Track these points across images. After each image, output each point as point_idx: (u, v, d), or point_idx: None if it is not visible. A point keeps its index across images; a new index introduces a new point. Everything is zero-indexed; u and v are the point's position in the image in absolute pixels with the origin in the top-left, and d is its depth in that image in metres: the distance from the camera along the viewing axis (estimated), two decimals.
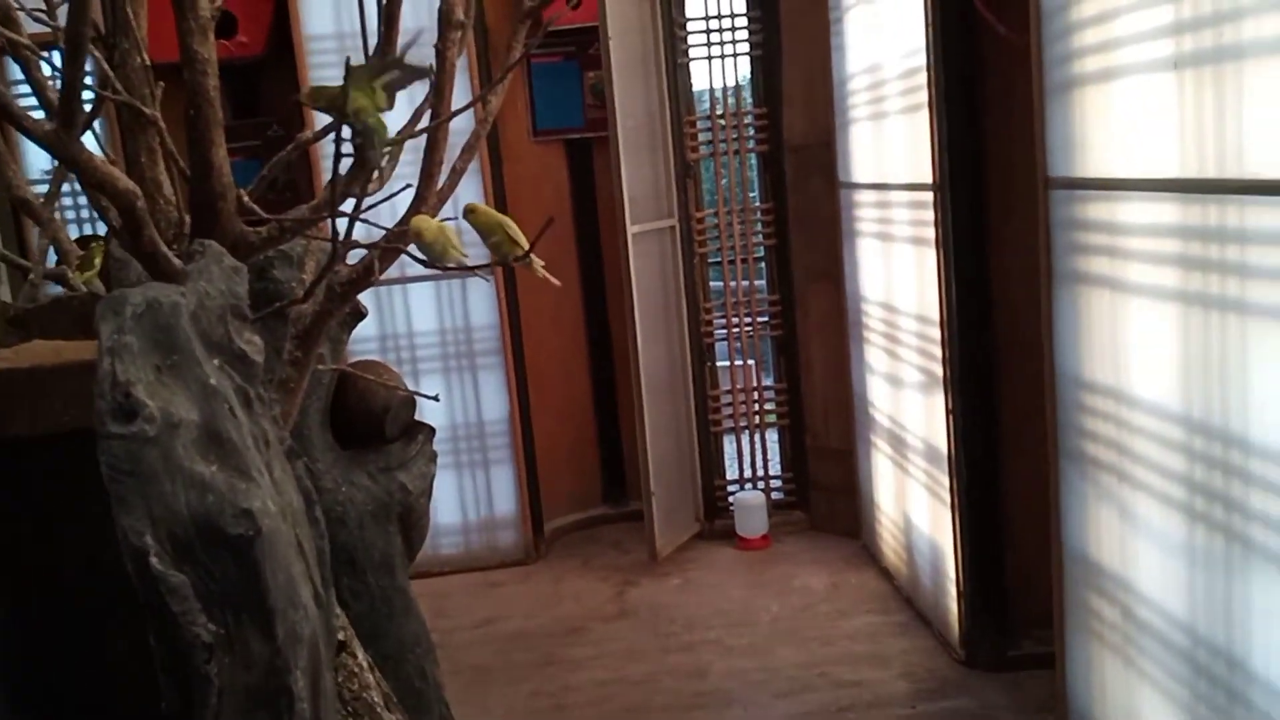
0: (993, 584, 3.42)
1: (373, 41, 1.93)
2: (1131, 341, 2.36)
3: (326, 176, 2.32)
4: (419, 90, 2.02)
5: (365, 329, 4.57)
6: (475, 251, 2.36)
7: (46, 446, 1.43)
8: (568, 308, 5.01)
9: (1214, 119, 1.97)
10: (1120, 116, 2.32)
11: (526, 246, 1.72)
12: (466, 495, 4.75)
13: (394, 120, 1.92)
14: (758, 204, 4.81)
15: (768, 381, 5.01)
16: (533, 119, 4.89)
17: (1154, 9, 2.13)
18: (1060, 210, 2.61)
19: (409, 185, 1.87)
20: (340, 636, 1.87)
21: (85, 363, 1.38)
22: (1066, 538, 2.71)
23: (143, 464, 1.15)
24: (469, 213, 1.83)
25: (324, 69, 4.35)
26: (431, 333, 4.65)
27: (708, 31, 4.69)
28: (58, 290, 2.18)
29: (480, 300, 4.63)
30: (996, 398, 3.37)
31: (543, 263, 1.79)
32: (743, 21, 4.68)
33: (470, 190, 4.41)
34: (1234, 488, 2.01)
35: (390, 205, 2.11)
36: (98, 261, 1.99)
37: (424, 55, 1.80)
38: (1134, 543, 2.41)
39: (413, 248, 1.90)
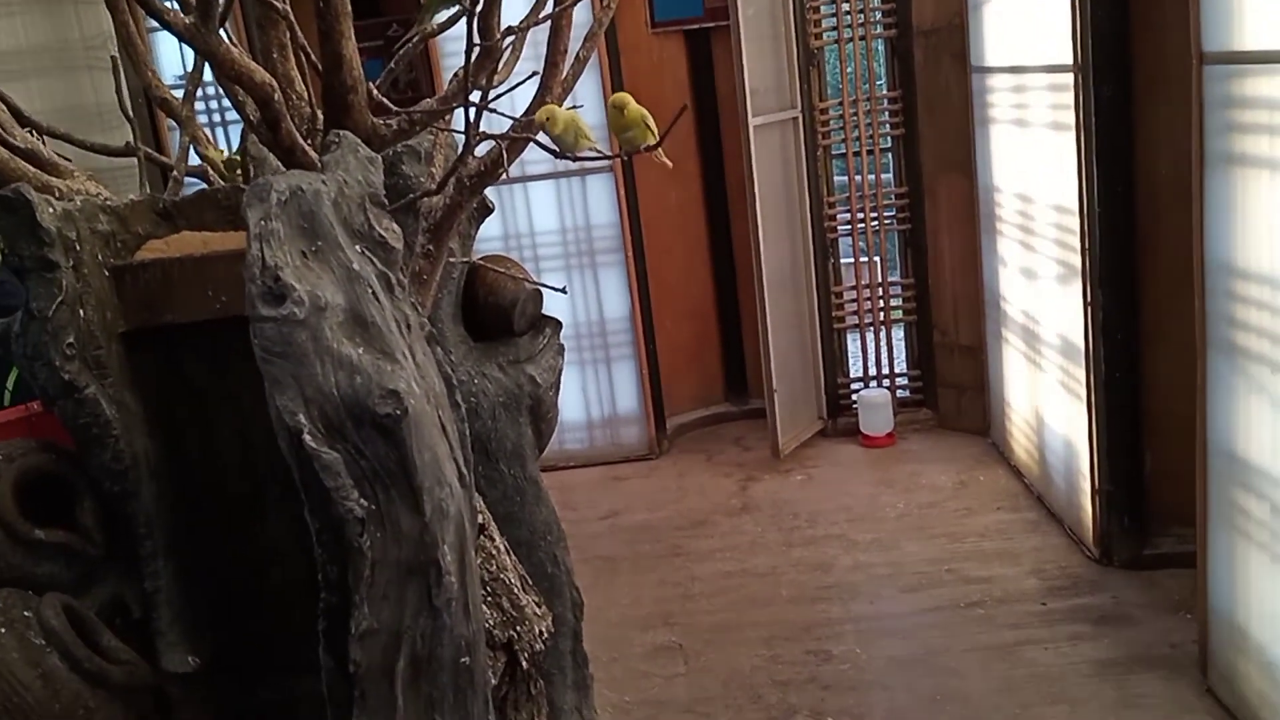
0: (1130, 481, 3.33)
1: None
2: None
3: (448, 74, 2.32)
4: None
5: (489, 228, 4.62)
6: (597, 134, 2.34)
7: (200, 333, 1.48)
8: (688, 204, 4.97)
9: None
10: None
11: (658, 138, 1.69)
12: (590, 392, 4.81)
13: (516, 11, 1.90)
14: (884, 92, 4.65)
15: (894, 277, 4.90)
16: (651, 10, 4.80)
17: None
18: (1216, 87, 2.45)
19: (535, 74, 1.86)
20: (479, 520, 1.93)
21: (234, 251, 1.42)
22: (1212, 432, 2.61)
23: (294, 345, 1.19)
24: (615, 106, 1.80)
25: None
26: (553, 231, 4.67)
27: None
28: (199, 186, 2.25)
29: (601, 198, 4.62)
30: (1138, 289, 3.24)
31: (666, 159, 1.77)
32: None
33: (589, 84, 4.37)
34: None
35: (510, 99, 2.11)
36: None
37: None
38: None
39: (542, 138, 1.89)
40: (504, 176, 2.07)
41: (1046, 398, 3.77)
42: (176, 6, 1.68)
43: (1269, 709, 2.46)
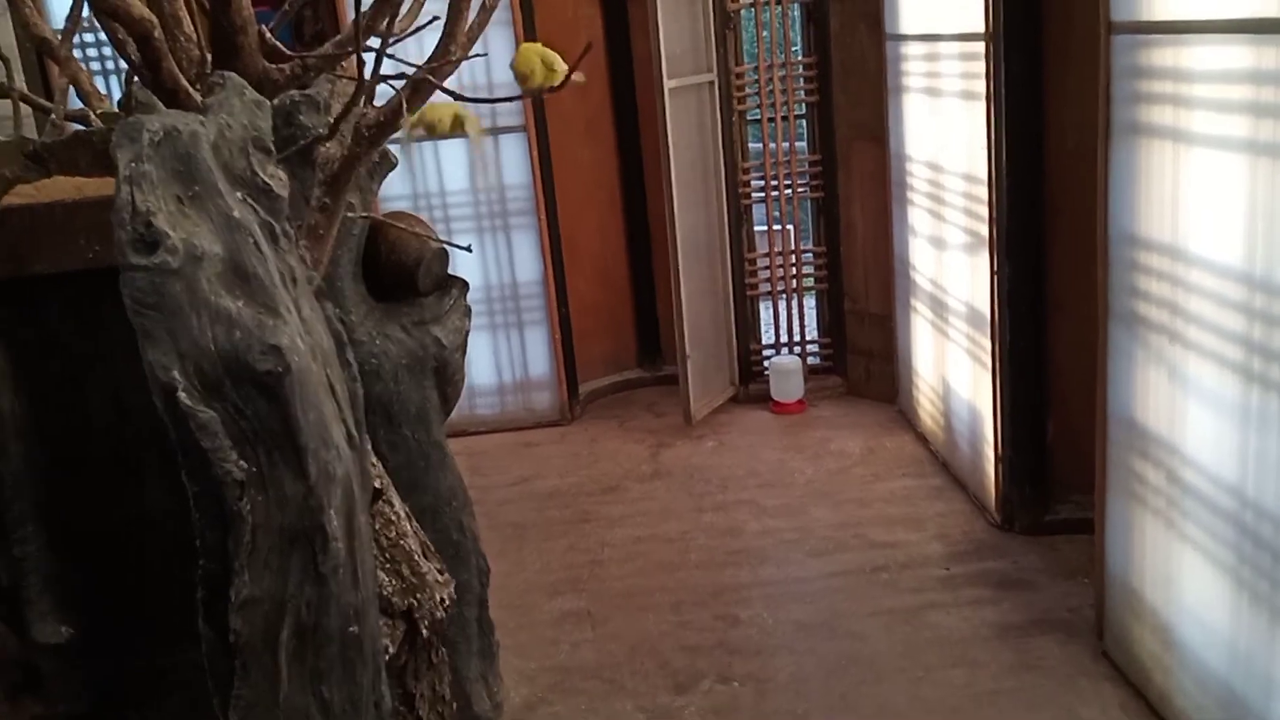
0: (1032, 448, 3.38)
1: None
2: (1193, 196, 2.25)
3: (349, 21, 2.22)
4: None
5: (397, 187, 4.51)
6: (509, 111, 2.26)
7: (71, 285, 1.39)
8: (603, 166, 4.90)
9: None
10: None
11: (563, 75, 1.64)
12: (501, 356, 4.74)
13: None
14: (800, 58, 4.63)
15: (806, 245, 4.91)
16: None
17: None
18: (1123, 57, 2.47)
19: (436, 18, 1.79)
20: (377, 485, 1.86)
21: (107, 198, 1.33)
22: (1112, 401, 2.65)
23: (167, 297, 1.11)
24: (517, 55, 1.75)
25: None
26: (464, 191, 4.57)
27: None
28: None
29: (514, 159, 4.53)
30: (1043, 258, 3.28)
31: (583, 78, 1.72)
32: None
33: (499, 40, 4.27)
34: None
35: (418, 43, 2.03)
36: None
37: None
38: (1184, 405, 2.35)
39: (449, 83, 1.83)
40: (408, 130, 1.98)
41: (953, 366, 3.81)
42: None
43: (1161, 670, 2.52)
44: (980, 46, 3.22)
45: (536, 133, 4.47)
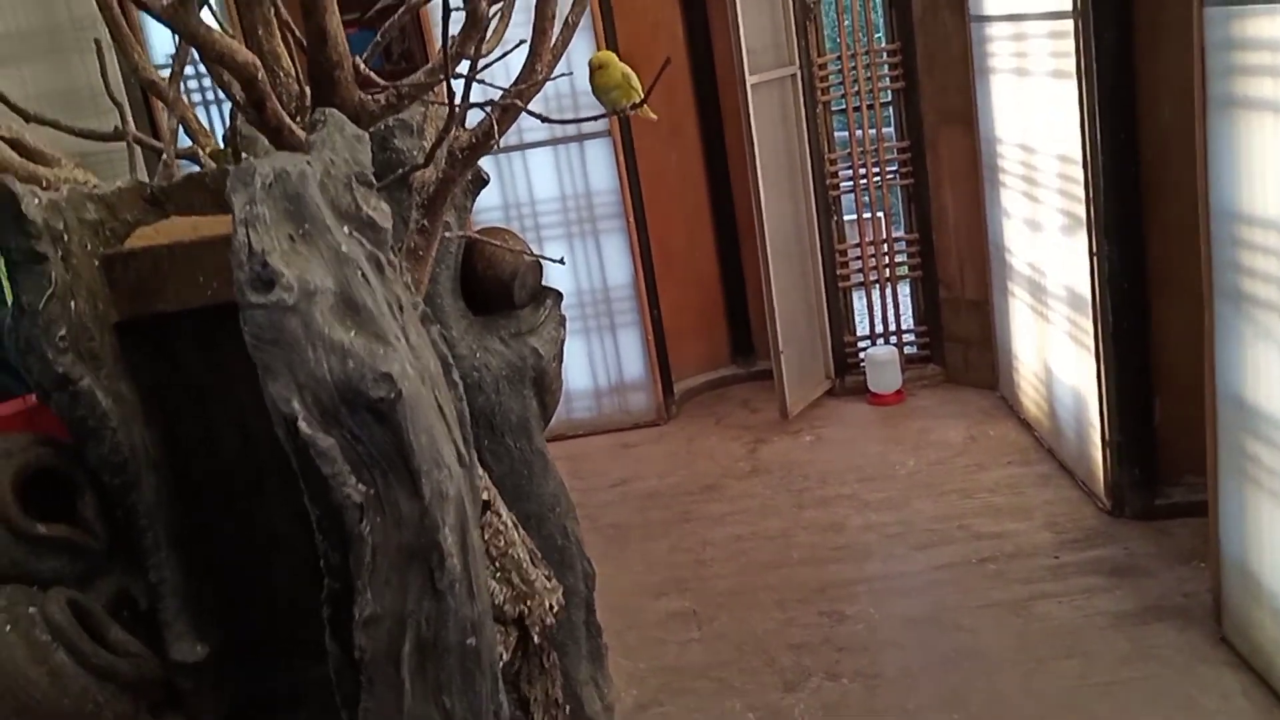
0: (1140, 431, 3.31)
1: None
2: None
3: (437, 44, 2.28)
4: None
5: (487, 198, 4.59)
6: (593, 101, 2.31)
7: (194, 320, 1.47)
8: (688, 166, 4.92)
9: None
10: None
11: (643, 95, 1.67)
12: (596, 359, 4.80)
13: None
14: (883, 45, 4.59)
15: (898, 233, 4.86)
16: None
17: None
18: (1218, 29, 2.40)
19: (523, 42, 1.83)
20: (485, 496, 1.92)
21: (223, 237, 1.40)
22: (1222, 380, 2.58)
23: (285, 332, 1.17)
24: (596, 67, 1.79)
25: None
26: (553, 199, 4.64)
27: None
28: (192, 169, 2.23)
29: (599, 164, 4.58)
30: (1143, 237, 3.20)
31: (655, 116, 1.76)
32: None
33: (582, 45, 4.32)
34: None
35: (504, 66, 2.08)
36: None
37: None
38: None
39: (535, 105, 1.87)
40: (499, 146, 2.04)
41: (1054, 350, 3.74)
42: None
43: None
44: (1069, 24, 3.16)
45: (622, 138, 4.51)
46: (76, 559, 1.45)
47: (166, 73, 2.14)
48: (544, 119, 1.80)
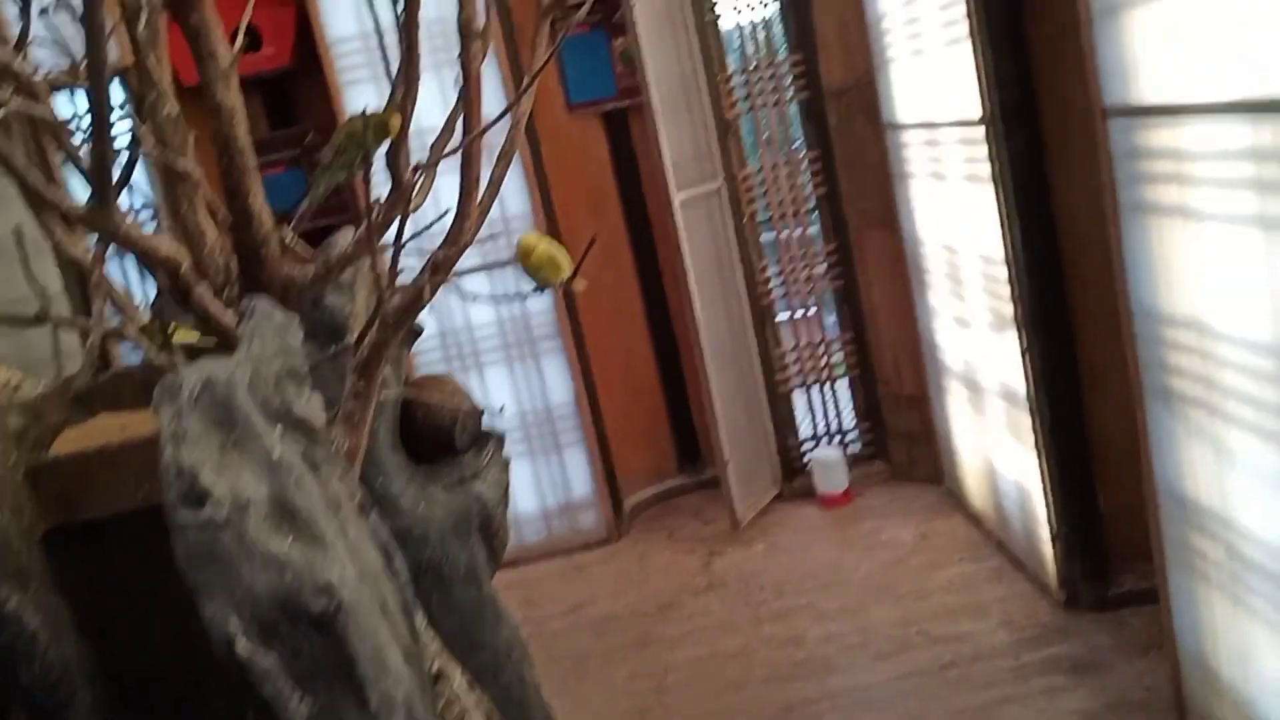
0: (1086, 521, 3.34)
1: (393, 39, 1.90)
2: (1211, 271, 2.26)
3: (372, 189, 2.29)
4: (452, 94, 1.98)
5: (426, 328, 4.58)
6: (522, 224, 2.33)
7: (126, 524, 1.43)
8: (624, 282, 4.97)
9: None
10: (1176, 37, 2.20)
11: (571, 269, 1.68)
12: (543, 481, 4.76)
13: (429, 129, 1.89)
14: (803, 153, 4.70)
15: (833, 333, 4.93)
16: (566, 93, 4.82)
17: None
18: (1121, 139, 2.50)
19: (448, 211, 1.84)
20: (435, 666, 1.87)
21: (152, 437, 1.38)
22: (1160, 475, 2.63)
23: (219, 549, 1.14)
24: (523, 254, 1.81)
25: (353, 71, 4.33)
26: (490, 324, 4.64)
27: None
28: (129, 346, 2.19)
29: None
30: (1073, 333, 3.27)
31: (583, 284, 1.77)
32: None
33: (512, 175, 4.37)
34: None
35: (430, 227, 2.09)
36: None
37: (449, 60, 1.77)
38: (1232, 479, 2.32)
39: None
40: (429, 300, 2.03)
41: (995, 444, 3.79)
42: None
43: None
44: (979, 131, 3.26)
45: None
46: None
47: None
48: (475, 298, 1.80)
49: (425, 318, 4.09)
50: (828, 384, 4.86)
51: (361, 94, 4.30)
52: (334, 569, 1.19)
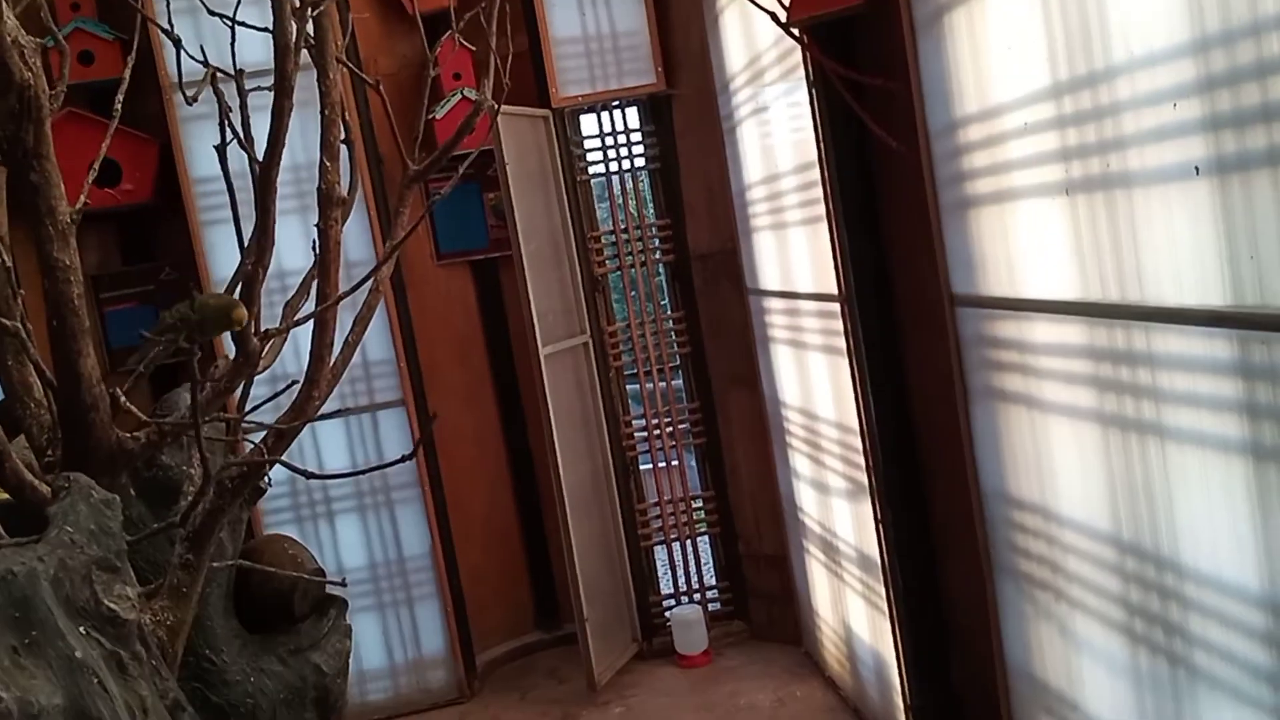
0: (940, 695, 3.34)
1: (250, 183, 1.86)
2: (1054, 459, 2.33)
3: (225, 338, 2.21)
4: (311, 228, 1.94)
5: (276, 473, 4.41)
6: (385, 369, 2.21)
7: None
8: (486, 430, 4.90)
9: (1110, 243, 1.97)
10: (1018, 237, 2.32)
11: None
12: (392, 636, 4.56)
13: (290, 271, 1.84)
14: (669, 313, 4.78)
15: (695, 490, 4.93)
16: (435, 243, 4.82)
17: (1040, 135, 2.14)
18: (969, 327, 2.60)
19: (295, 382, 1.78)
20: None
21: None
22: (1009, 654, 2.66)
23: None
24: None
25: (215, 211, 4.25)
26: (343, 467, 4.49)
27: (604, 149, 4.69)
28: None
29: (393, 433, 4.49)
30: (927, 506, 3.33)
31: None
32: (637, 137, 4.68)
33: (375, 320, 4.31)
34: (1172, 611, 1.97)
35: (294, 350, 2.01)
36: None
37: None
38: (1078, 662, 2.36)
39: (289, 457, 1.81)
40: (269, 481, 1.95)
41: (852, 609, 3.80)
42: None
43: None
44: (836, 307, 3.36)
45: (416, 405, 4.46)
46: None
47: None
48: (310, 475, 1.73)
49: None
50: (689, 540, 4.83)
51: (222, 233, 4.22)
52: None
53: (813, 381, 3.80)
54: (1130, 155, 1.86)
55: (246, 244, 1.76)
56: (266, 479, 2.33)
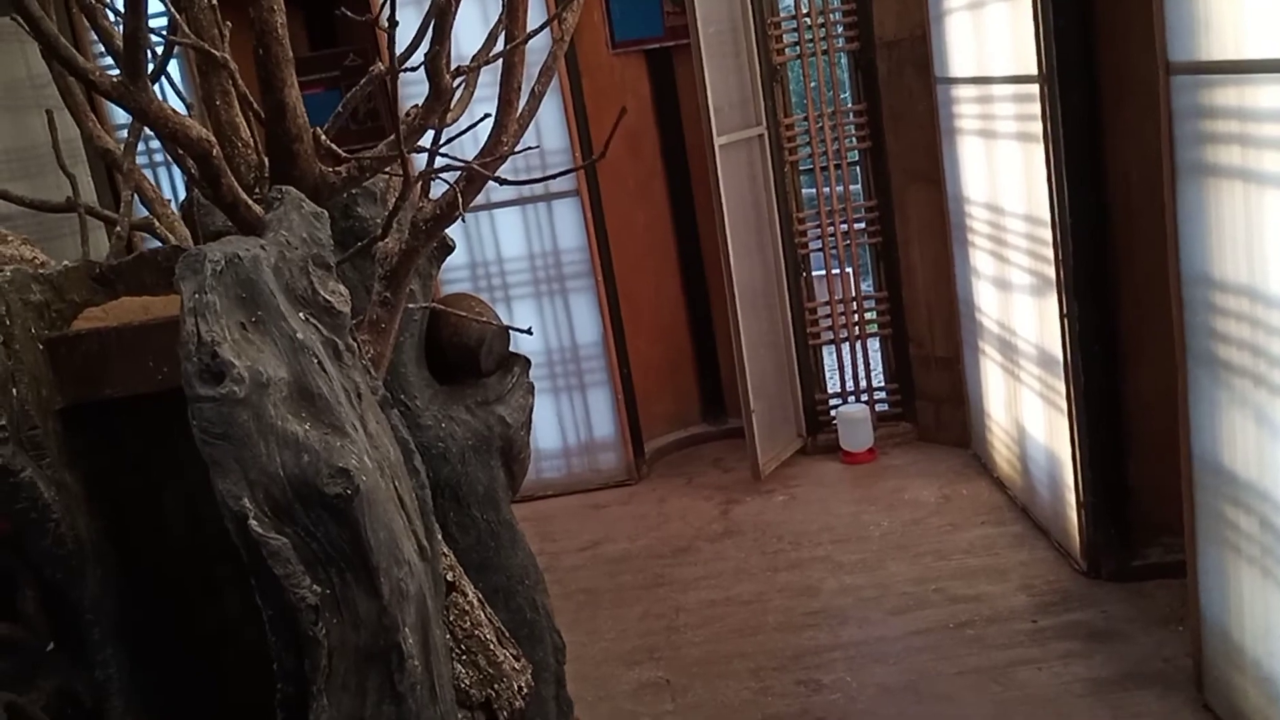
0: (1115, 491, 3.29)
1: None
2: (1265, 236, 2.18)
3: (407, 102, 2.25)
4: (494, 8, 1.93)
5: (454, 258, 4.55)
6: (560, 159, 2.23)
7: (142, 406, 1.41)
8: (657, 224, 4.91)
9: None
10: None
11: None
12: (565, 419, 4.74)
13: (468, 44, 1.84)
14: (849, 105, 4.61)
15: (867, 290, 4.86)
16: (610, 30, 4.74)
17: None
18: (1184, 97, 2.41)
19: (488, 115, 1.80)
20: (449, 576, 1.85)
21: (174, 319, 1.35)
22: (1196, 445, 2.57)
23: (235, 426, 1.11)
24: None
25: None
26: (520, 258, 4.60)
27: None
28: (149, 241, 2.18)
29: (568, 223, 4.55)
30: (1115, 299, 3.20)
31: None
32: None
33: (550, 109, 4.32)
34: None
35: (473, 135, 2.04)
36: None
37: None
38: (1272, 450, 2.26)
39: (501, 172, 1.84)
40: (464, 218, 2.00)
41: (1027, 410, 3.73)
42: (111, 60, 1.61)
43: None
44: (1034, 88, 3.17)
45: (590, 197, 4.50)
46: (16, 657, 1.37)
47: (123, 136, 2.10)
48: (505, 182, 1.76)
49: (457, 250, 4.03)
50: (859, 341, 4.79)
51: (403, 16, 4.23)
52: (351, 456, 1.16)
53: (1002, 173, 3.63)
54: None
55: None
56: (450, 240, 2.41)
